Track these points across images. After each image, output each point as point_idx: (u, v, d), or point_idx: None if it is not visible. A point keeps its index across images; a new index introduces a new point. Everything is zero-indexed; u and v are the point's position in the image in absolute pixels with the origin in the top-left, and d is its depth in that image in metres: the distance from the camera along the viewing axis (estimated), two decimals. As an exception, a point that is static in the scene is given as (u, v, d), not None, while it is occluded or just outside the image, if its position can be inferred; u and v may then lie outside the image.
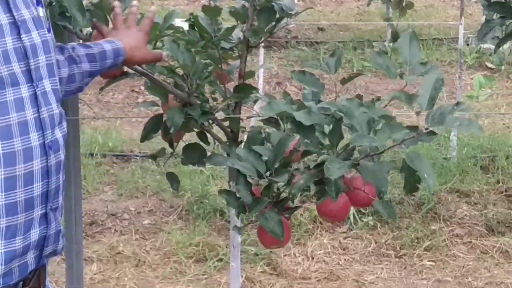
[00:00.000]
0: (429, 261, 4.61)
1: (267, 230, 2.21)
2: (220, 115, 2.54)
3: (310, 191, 2.25)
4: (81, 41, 2.37)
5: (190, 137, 2.65)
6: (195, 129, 2.59)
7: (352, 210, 4.61)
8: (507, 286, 4.32)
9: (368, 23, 8.50)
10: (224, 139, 2.59)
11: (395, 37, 5.07)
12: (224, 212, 5.02)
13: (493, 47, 3.69)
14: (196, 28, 2.55)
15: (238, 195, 2.25)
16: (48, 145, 1.74)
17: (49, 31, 1.82)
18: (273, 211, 2.23)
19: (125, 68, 2.45)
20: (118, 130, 6.32)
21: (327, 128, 2.19)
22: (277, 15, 2.50)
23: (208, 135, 2.61)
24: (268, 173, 2.22)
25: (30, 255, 1.72)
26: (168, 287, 4.31)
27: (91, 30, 2.46)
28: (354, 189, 2.23)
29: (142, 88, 6.51)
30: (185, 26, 2.61)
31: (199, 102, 2.47)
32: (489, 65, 6.98)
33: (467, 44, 7.14)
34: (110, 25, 2.34)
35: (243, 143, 2.44)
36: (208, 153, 2.51)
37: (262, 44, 2.69)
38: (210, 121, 2.56)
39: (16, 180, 1.64)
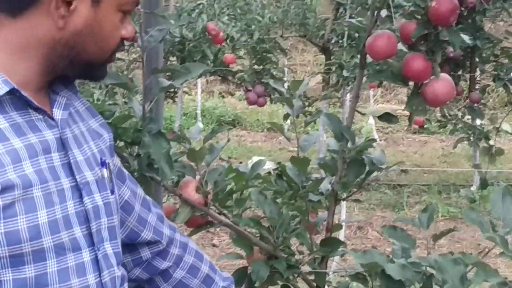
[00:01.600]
0: None
1: None
2: (305, 268, 2.53)
3: None
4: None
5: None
6: (280, 282, 2.55)
7: None
8: None
9: (453, 167, 8.44)
10: (309, 293, 2.56)
11: (484, 184, 5.02)
12: None
13: None
14: (283, 177, 2.58)
15: None
16: None
17: (112, 192, 1.80)
18: None
19: (209, 218, 2.48)
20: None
21: (417, 286, 2.18)
22: (367, 168, 2.51)
23: (293, 288, 2.57)
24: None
25: None
26: None
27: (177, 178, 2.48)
28: None
29: (218, 229, 6.51)
30: (268, 165, 2.64)
31: (285, 255, 2.46)
32: None
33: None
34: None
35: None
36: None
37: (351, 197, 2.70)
38: (296, 275, 2.51)
39: None
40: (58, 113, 1.63)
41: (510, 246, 2.04)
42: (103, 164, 1.76)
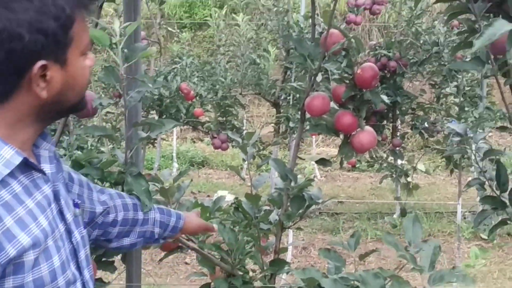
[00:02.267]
0: None
1: None
2: (258, 284, 2.53)
3: None
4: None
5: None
6: None
7: None
8: None
9: (380, 198, 8.50)
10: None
11: (403, 213, 5.06)
12: None
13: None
14: (240, 210, 2.59)
15: None
16: None
17: (84, 227, 1.78)
18: None
19: (180, 243, 2.48)
20: (169, 286, 6.28)
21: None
22: (307, 203, 2.53)
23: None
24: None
25: None
26: None
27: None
28: None
29: (189, 250, 6.55)
30: (230, 197, 2.64)
31: (241, 273, 2.46)
32: (483, 236, 6.93)
33: (464, 218, 7.11)
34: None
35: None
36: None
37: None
38: None
39: None
40: (47, 168, 1.61)
41: (418, 262, 2.07)
42: (76, 205, 1.73)
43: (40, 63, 1.45)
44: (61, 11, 1.46)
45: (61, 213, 1.61)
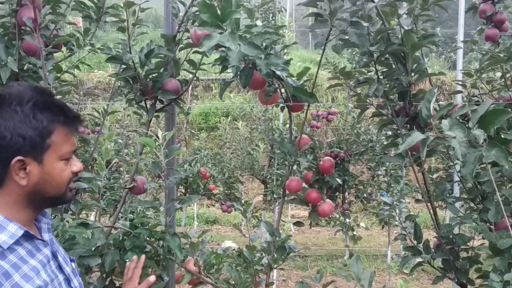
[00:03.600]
0: None
1: None
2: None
3: None
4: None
5: None
6: None
7: None
8: None
9: (334, 246, 8.38)
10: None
11: (350, 255, 5.01)
12: None
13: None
14: (241, 256, 2.56)
15: None
16: None
17: (80, 276, 1.66)
18: None
19: (201, 279, 2.43)
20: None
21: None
22: (287, 251, 2.49)
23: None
24: None
25: None
26: None
27: (183, 258, 2.41)
28: None
29: (208, 284, 6.41)
30: (235, 245, 2.60)
31: None
32: (406, 271, 6.84)
33: (392, 259, 7.02)
34: None
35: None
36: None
37: (280, 266, 2.65)
38: None
39: None
40: (46, 236, 1.55)
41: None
42: (71, 260, 1.65)
43: (17, 158, 1.40)
44: (40, 123, 1.41)
45: (60, 267, 1.55)
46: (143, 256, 1.93)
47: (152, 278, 1.81)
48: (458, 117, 1.55)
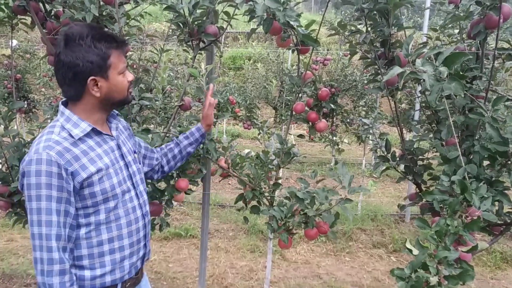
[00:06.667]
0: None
1: (281, 239, 2.17)
2: (266, 195, 2.48)
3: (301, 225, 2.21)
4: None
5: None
6: (255, 200, 2.44)
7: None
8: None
9: (324, 155, 8.38)
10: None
11: (336, 162, 5.02)
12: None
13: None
14: (258, 158, 2.55)
15: (272, 225, 2.22)
16: (143, 213, 1.61)
17: (140, 163, 1.67)
18: (285, 233, 2.20)
19: (229, 173, 2.43)
20: (222, 193, 6.31)
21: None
22: (292, 155, 2.47)
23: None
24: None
25: (138, 263, 1.59)
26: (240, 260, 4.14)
27: (217, 157, 2.41)
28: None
29: (232, 177, 6.51)
30: (252, 152, 2.56)
31: (258, 189, 2.40)
32: (375, 175, 6.88)
33: (365, 166, 7.05)
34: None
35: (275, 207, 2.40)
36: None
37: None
38: (262, 196, 2.42)
39: (133, 232, 1.54)
40: (114, 133, 1.56)
41: (343, 183, 2.02)
42: (134, 152, 1.65)
43: (91, 78, 1.40)
44: (100, 50, 1.40)
45: (122, 156, 1.55)
46: (211, 85, 2.01)
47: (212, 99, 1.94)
48: (428, 58, 1.47)
